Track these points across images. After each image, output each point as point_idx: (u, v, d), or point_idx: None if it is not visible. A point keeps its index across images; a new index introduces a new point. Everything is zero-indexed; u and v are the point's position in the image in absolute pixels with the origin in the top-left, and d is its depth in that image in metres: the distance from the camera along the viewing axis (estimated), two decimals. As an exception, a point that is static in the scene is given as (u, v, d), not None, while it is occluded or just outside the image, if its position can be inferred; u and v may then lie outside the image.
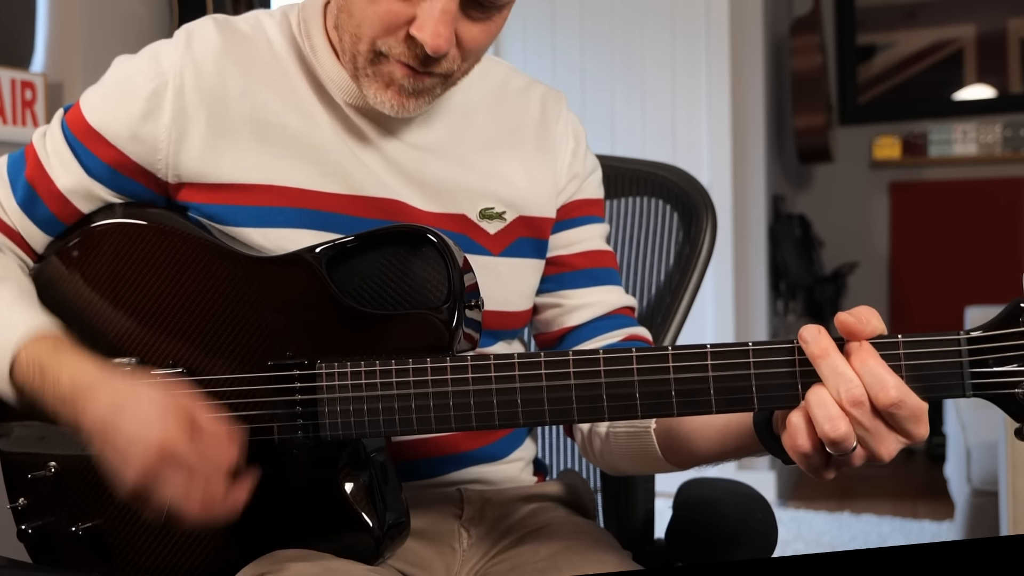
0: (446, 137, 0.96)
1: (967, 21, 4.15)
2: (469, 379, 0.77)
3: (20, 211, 0.93)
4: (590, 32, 3.68)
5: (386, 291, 0.83)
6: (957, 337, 0.67)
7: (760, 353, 0.71)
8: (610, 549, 0.94)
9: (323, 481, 0.83)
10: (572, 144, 1.03)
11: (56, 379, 0.82)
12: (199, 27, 0.92)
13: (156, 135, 0.89)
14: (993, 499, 2.25)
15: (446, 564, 0.94)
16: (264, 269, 0.86)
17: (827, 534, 3.04)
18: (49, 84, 2.06)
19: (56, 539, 0.92)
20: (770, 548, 0.99)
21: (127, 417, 0.78)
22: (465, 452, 0.97)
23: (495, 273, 0.96)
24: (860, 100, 4.31)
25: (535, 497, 1.01)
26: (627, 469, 0.99)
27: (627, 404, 0.74)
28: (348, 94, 0.92)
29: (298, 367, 0.82)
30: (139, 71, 0.91)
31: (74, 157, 0.92)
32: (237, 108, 0.90)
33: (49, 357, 0.83)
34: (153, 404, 0.78)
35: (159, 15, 2.32)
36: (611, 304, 1.01)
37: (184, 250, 0.88)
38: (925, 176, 4.20)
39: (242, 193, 0.89)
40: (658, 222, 1.26)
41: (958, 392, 0.68)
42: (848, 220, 4.26)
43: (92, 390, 0.80)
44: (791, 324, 3.90)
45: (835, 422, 0.66)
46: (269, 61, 0.93)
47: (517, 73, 1.05)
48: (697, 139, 3.55)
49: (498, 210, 0.96)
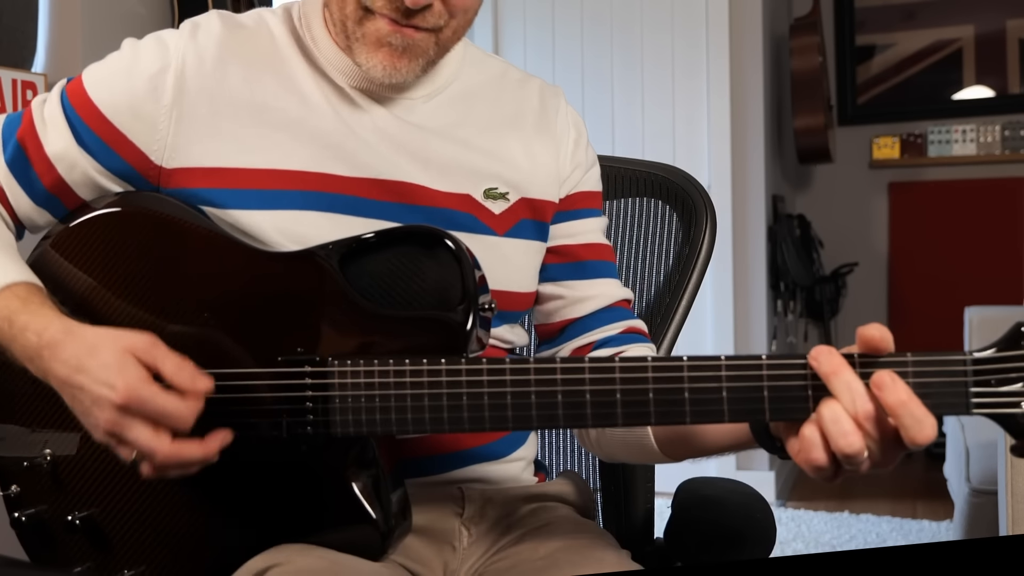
0: (449, 119, 0.98)
1: (966, 21, 4.15)
2: (484, 381, 0.77)
3: (7, 169, 0.94)
4: (590, 32, 3.69)
5: (399, 290, 0.83)
6: (963, 358, 0.70)
7: (773, 367, 0.73)
8: (609, 548, 0.94)
9: (331, 476, 0.83)
10: (574, 135, 1.05)
11: (23, 335, 0.83)
12: (204, 19, 0.95)
13: (156, 115, 0.90)
14: (992, 499, 2.25)
15: (445, 562, 0.94)
16: (277, 264, 0.87)
17: (826, 534, 3.04)
18: (50, 84, 2.06)
19: (50, 527, 0.91)
20: (769, 548, 1.00)
21: (89, 375, 0.78)
22: (467, 450, 0.98)
23: (500, 253, 0.96)
24: (859, 100, 4.31)
25: (536, 497, 1.02)
26: (622, 458, 1.00)
27: (641, 412, 0.75)
28: (350, 77, 0.94)
29: (309, 363, 0.82)
30: (144, 52, 0.93)
31: (68, 125, 0.92)
32: (239, 94, 0.91)
33: (17, 311, 0.84)
34: (113, 358, 0.78)
35: (160, 15, 2.32)
36: (612, 297, 1.03)
37: (196, 241, 0.89)
38: (924, 176, 4.20)
39: (244, 177, 0.90)
40: (658, 223, 1.27)
41: (961, 410, 0.71)
42: (847, 220, 4.26)
43: (56, 347, 0.81)
44: (791, 324, 3.91)
45: (850, 437, 0.69)
46: (271, 51, 0.95)
47: (514, 68, 1.08)
48: (697, 139, 3.55)
49: (502, 190, 0.97)
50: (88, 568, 0.90)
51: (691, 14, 3.54)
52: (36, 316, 0.83)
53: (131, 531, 0.89)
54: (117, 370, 0.77)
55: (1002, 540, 1.07)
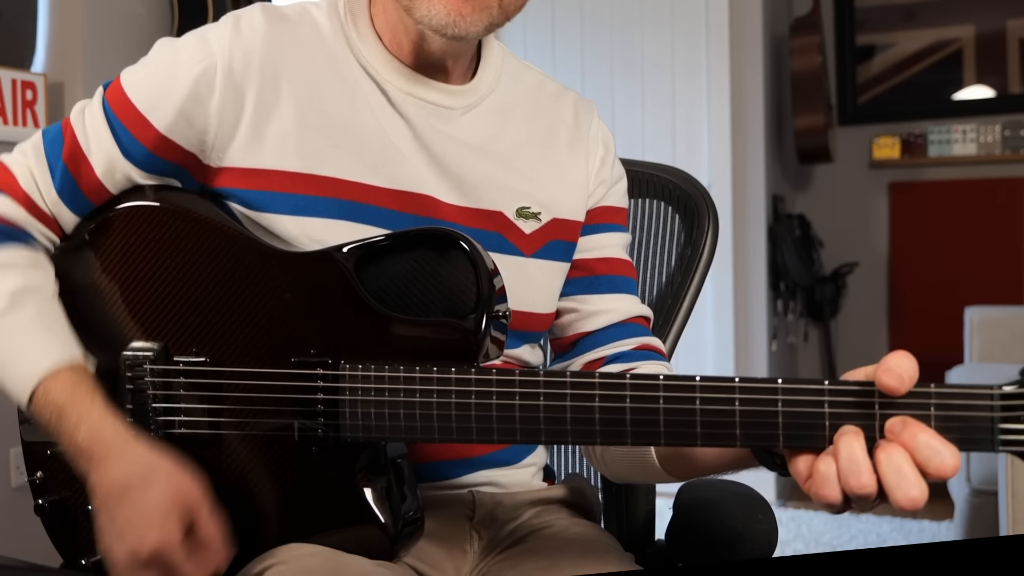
0: (487, 133, 0.96)
1: (966, 21, 4.15)
2: (493, 392, 0.76)
3: (58, 199, 0.91)
4: (590, 32, 3.69)
5: (413, 293, 0.83)
6: (990, 392, 0.65)
7: (789, 392, 0.69)
8: (612, 551, 0.94)
9: (341, 479, 0.83)
10: (602, 151, 1.04)
11: (73, 429, 0.83)
12: (246, 12, 0.92)
13: (207, 117, 0.88)
14: (992, 499, 2.25)
15: (456, 565, 0.94)
16: (293, 264, 0.86)
17: (827, 534, 3.05)
18: (50, 84, 2.06)
19: (73, 514, 0.92)
20: (770, 548, 1.00)
21: (132, 504, 0.79)
22: (479, 456, 0.98)
23: (526, 274, 0.96)
24: (860, 100, 4.31)
25: (542, 500, 1.02)
26: (626, 476, 0.99)
27: (651, 431, 0.73)
28: (395, 79, 0.92)
29: (322, 366, 0.82)
30: (186, 53, 0.89)
31: (113, 139, 0.90)
32: (284, 92, 0.89)
33: (68, 401, 0.84)
34: (160, 496, 0.79)
35: (159, 15, 2.32)
36: (627, 312, 1.01)
37: (212, 238, 0.88)
38: (925, 176, 4.20)
39: (280, 180, 0.88)
40: (660, 224, 1.27)
41: (987, 447, 0.65)
42: (847, 220, 4.26)
43: (107, 457, 0.81)
44: (791, 324, 3.91)
45: (863, 479, 0.64)
46: (316, 46, 0.92)
47: (550, 80, 1.07)
48: (697, 139, 3.56)
49: (534, 210, 0.97)
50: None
51: (691, 14, 3.54)
52: (87, 412, 0.83)
53: None
54: (159, 523, 0.78)
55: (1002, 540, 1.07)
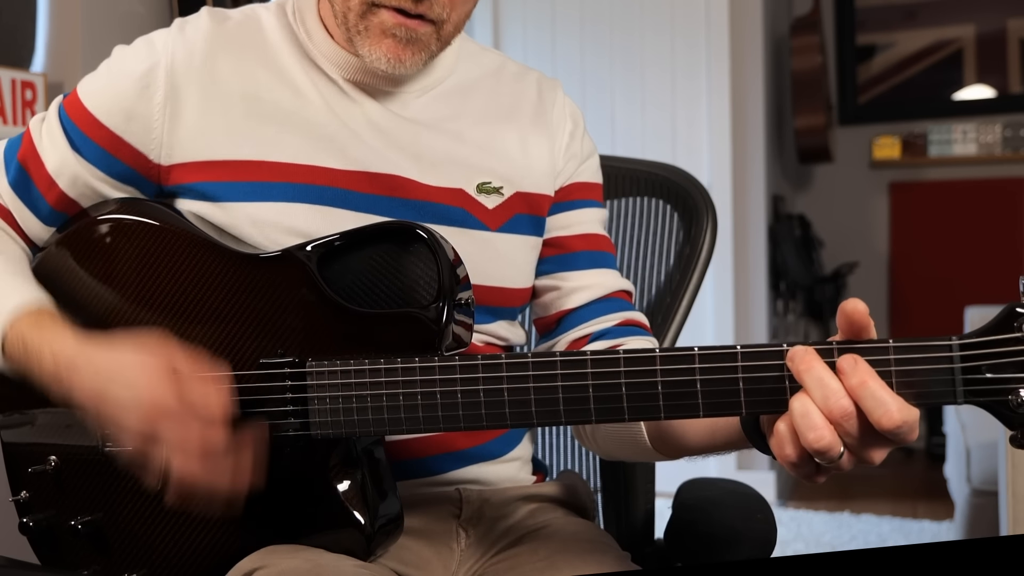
0: (442, 113, 0.98)
1: (967, 21, 4.15)
2: (457, 379, 0.77)
3: (11, 191, 0.95)
4: (590, 32, 3.69)
5: (378, 288, 0.83)
6: (949, 343, 0.65)
7: (749, 356, 0.69)
8: (609, 550, 0.94)
9: (315, 478, 0.83)
10: (570, 126, 1.04)
11: (39, 357, 0.84)
12: (192, 16, 0.96)
13: (150, 113, 0.91)
14: (993, 499, 2.25)
15: (444, 564, 0.94)
16: (256, 266, 0.87)
17: (827, 534, 3.04)
18: (49, 84, 2.06)
19: (57, 532, 0.93)
20: (770, 548, 0.99)
21: (114, 385, 0.79)
22: (461, 450, 0.97)
23: (493, 248, 0.96)
24: (860, 100, 4.31)
25: (534, 497, 1.01)
26: (618, 455, 1.00)
27: (615, 407, 0.73)
28: (344, 69, 0.95)
29: (289, 365, 0.82)
30: (133, 54, 0.94)
31: (65, 138, 0.93)
32: (229, 85, 0.92)
33: (31, 334, 0.85)
34: (136, 365, 0.79)
35: (159, 15, 2.32)
36: (608, 287, 1.01)
37: (177, 247, 0.89)
38: (925, 176, 4.20)
39: (234, 169, 0.91)
40: (658, 222, 1.26)
41: (949, 399, 0.65)
42: (848, 220, 4.26)
43: (74, 365, 0.82)
44: (791, 324, 3.91)
45: (819, 431, 0.65)
46: (260, 43, 0.96)
47: (512, 61, 1.08)
48: (697, 139, 3.55)
49: (495, 184, 0.97)
50: (94, 572, 0.92)
51: (691, 14, 3.54)
52: (49, 337, 0.84)
53: (130, 535, 0.90)
54: (147, 393, 0.78)
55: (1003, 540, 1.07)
